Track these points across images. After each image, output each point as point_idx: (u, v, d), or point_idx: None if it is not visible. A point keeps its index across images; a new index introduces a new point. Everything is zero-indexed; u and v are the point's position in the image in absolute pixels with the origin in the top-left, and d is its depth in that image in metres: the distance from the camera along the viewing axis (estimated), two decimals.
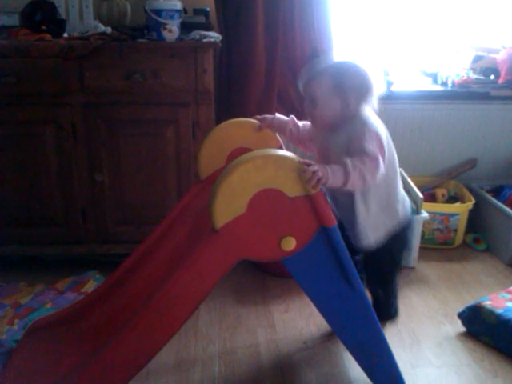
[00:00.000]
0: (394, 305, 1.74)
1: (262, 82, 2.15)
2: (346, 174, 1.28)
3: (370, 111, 1.46)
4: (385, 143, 1.38)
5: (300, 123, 1.62)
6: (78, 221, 2.02)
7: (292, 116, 1.62)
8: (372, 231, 1.49)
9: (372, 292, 1.66)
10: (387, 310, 1.72)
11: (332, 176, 1.26)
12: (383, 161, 1.35)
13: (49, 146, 1.94)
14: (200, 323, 1.81)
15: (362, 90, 1.43)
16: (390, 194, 1.50)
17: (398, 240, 1.55)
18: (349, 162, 1.29)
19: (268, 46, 2.12)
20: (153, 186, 2.00)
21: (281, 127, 1.60)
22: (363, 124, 1.40)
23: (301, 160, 1.24)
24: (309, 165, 1.22)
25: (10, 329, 1.68)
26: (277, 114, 1.61)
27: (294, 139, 1.62)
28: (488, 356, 1.65)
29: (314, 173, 1.21)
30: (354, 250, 1.48)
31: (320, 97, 1.43)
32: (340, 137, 1.44)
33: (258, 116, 1.60)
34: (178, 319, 1.28)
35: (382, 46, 2.53)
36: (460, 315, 1.79)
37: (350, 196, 1.44)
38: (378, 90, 1.45)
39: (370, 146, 1.33)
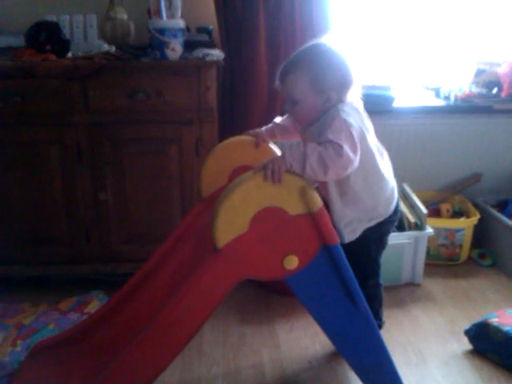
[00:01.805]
0: (378, 314, 1.69)
1: (265, 98, 2.16)
2: (304, 156, 1.21)
3: (352, 98, 1.41)
4: (355, 134, 1.28)
5: (282, 122, 1.60)
6: (82, 240, 2.02)
7: (274, 120, 1.62)
8: (345, 227, 1.43)
9: None
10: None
11: (291, 159, 1.21)
12: (354, 152, 1.25)
13: (53, 166, 1.95)
14: (204, 343, 1.79)
15: (342, 83, 1.37)
16: (367, 194, 1.43)
17: (373, 237, 1.51)
18: (309, 145, 1.23)
19: (270, 64, 2.12)
20: (157, 204, 2.00)
21: (272, 135, 1.60)
22: (334, 115, 1.32)
23: (256, 170, 1.22)
24: (265, 167, 1.19)
25: (13, 350, 1.67)
26: (263, 128, 1.61)
27: (286, 138, 1.62)
28: (496, 375, 1.62)
29: (272, 170, 1.18)
30: None
31: (299, 94, 1.37)
32: (314, 129, 1.39)
33: (251, 131, 1.60)
34: (181, 339, 1.28)
35: (384, 62, 2.54)
36: (467, 333, 1.76)
37: (325, 190, 1.41)
38: (358, 79, 1.39)
39: (335, 135, 1.25)
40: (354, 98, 1.44)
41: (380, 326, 1.71)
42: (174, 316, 1.26)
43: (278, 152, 1.61)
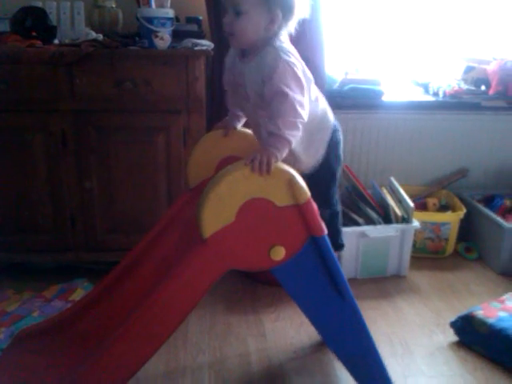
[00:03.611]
0: (340, 234, 1.70)
1: None
2: (284, 138, 1.26)
3: (285, 37, 1.39)
4: (300, 74, 1.32)
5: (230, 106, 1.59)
6: (66, 228, 2.00)
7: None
8: (309, 154, 1.48)
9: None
10: (336, 238, 1.67)
11: (276, 149, 1.24)
12: (302, 93, 1.31)
13: (38, 153, 1.92)
14: (190, 332, 1.79)
15: (290, 7, 1.34)
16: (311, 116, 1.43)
17: (331, 150, 1.53)
18: (273, 127, 1.27)
19: None
20: (143, 194, 1.99)
21: (241, 115, 1.58)
22: (276, 53, 1.31)
23: (246, 162, 1.21)
24: (252, 160, 1.20)
25: None
26: (230, 113, 1.59)
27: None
28: (481, 366, 1.64)
29: (260, 161, 1.20)
30: None
31: (245, 6, 1.30)
32: (253, 67, 1.36)
33: (220, 124, 1.59)
34: (166, 328, 1.27)
35: (374, 56, 2.54)
36: (452, 325, 1.77)
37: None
38: (301, 11, 1.37)
39: (282, 83, 1.28)
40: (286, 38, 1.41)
41: (342, 246, 1.73)
42: (159, 305, 1.24)
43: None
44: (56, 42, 1.96)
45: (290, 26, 1.39)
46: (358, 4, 2.44)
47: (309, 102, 1.38)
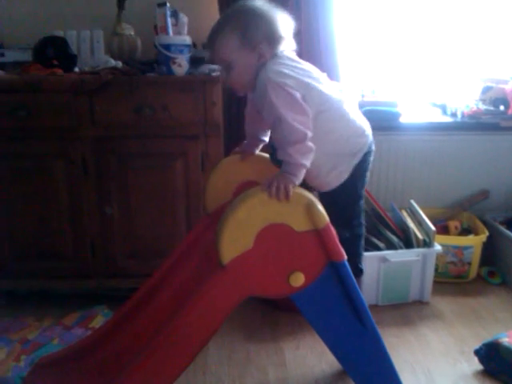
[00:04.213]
0: (361, 256, 1.64)
1: None
2: (298, 164, 1.25)
3: (286, 52, 1.36)
4: (295, 93, 1.28)
5: (247, 128, 1.59)
6: (87, 254, 2.01)
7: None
8: (329, 173, 1.44)
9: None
10: (356, 262, 1.59)
11: (293, 175, 1.24)
12: (301, 115, 1.27)
13: (59, 180, 1.95)
14: (209, 361, 1.76)
15: (273, 36, 1.33)
16: (335, 137, 1.41)
17: (356, 173, 1.48)
18: (284, 154, 1.27)
19: None
20: (162, 219, 1.99)
21: (259, 141, 1.57)
22: (264, 77, 1.29)
23: (262, 187, 1.21)
24: (269, 185, 1.20)
25: (17, 365, 1.65)
26: (247, 138, 1.59)
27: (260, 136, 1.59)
28: None
29: (277, 187, 1.20)
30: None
31: (231, 55, 1.32)
32: (258, 101, 1.36)
33: (237, 149, 1.60)
34: (186, 356, 1.26)
35: (391, 78, 2.54)
36: (477, 353, 1.72)
37: None
38: (287, 28, 1.35)
39: (280, 110, 1.25)
40: (288, 52, 1.38)
41: (361, 272, 1.65)
42: (178, 333, 1.24)
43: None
44: (76, 70, 2.00)
45: (285, 45, 1.37)
46: (375, 26, 2.45)
47: (329, 119, 1.37)
